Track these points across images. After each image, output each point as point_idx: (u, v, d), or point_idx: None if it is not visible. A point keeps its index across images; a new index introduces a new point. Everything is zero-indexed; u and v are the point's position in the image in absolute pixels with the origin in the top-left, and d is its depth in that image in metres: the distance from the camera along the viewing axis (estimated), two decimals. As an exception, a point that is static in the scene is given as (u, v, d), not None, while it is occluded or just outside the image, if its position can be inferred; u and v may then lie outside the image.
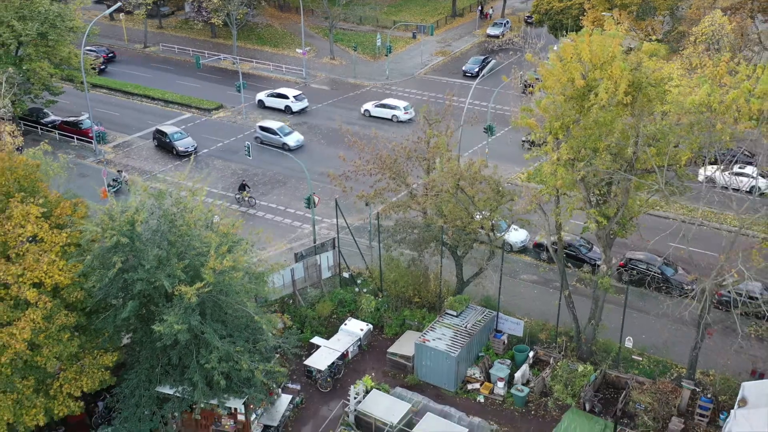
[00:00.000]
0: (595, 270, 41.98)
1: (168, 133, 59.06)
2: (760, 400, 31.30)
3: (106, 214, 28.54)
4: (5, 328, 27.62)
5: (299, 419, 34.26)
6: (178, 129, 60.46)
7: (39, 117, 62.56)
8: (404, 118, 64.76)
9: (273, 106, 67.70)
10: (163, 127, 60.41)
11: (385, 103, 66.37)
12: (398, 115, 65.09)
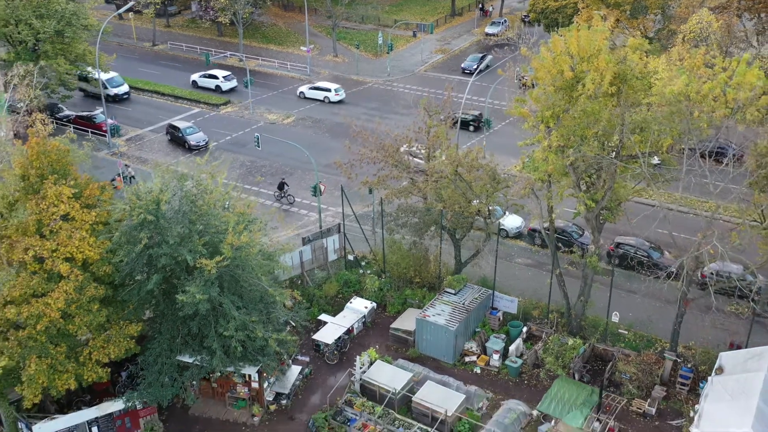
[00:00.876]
0: (585, 253, 44.46)
1: (180, 128, 61.62)
2: (735, 368, 33.85)
3: (133, 194, 31.06)
4: (41, 299, 30.15)
5: (308, 388, 36.81)
6: (190, 124, 62.99)
7: (54, 112, 65.06)
8: (335, 99, 71.34)
9: (205, 86, 74.71)
10: (175, 122, 62.96)
11: (318, 86, 72.82)
12: (330, 97, 71.57)
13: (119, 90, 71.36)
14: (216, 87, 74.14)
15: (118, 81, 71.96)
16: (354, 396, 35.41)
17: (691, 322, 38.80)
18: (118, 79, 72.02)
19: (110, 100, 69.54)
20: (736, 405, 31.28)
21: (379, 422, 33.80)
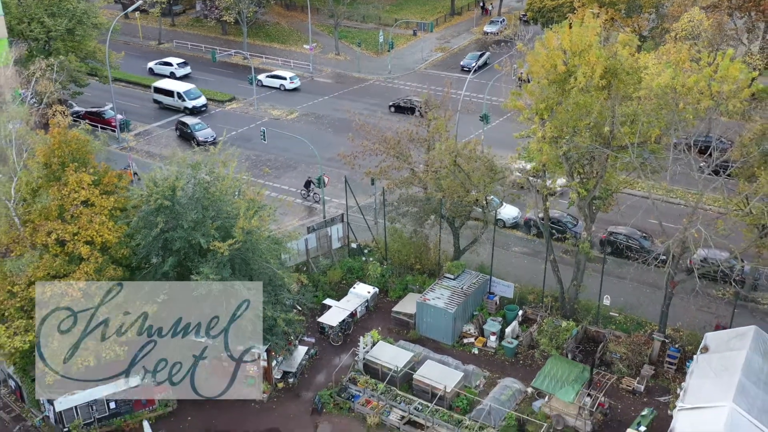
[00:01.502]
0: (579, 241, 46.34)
1: (189, 124, 63.47)
2: (719, 347, 35.70)
3: (150, 181, 32.91)
4: (63, 279, 32.04)
5: (314, 367, 38.68)
6: (198, 120, 64.78)
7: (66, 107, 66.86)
8: (290, 86, 75.81)
9: (160, 72, 79.78)
10: (185, 119, 64.78)
11: (276, 74, 77.36)
12: (285, 84, 75.96)
13: (197, 102, 69.84)
14: (170, 74, 78.46)
15: (195, 93, 70.66)
16: (358, 374, 37.26)
17: (679, 305, 40.61)
18: (195, 91, 70.76)
19: (188, 112, 68.64)
20: (719, 381, 33.10)
21: (381, 398, 35.65)
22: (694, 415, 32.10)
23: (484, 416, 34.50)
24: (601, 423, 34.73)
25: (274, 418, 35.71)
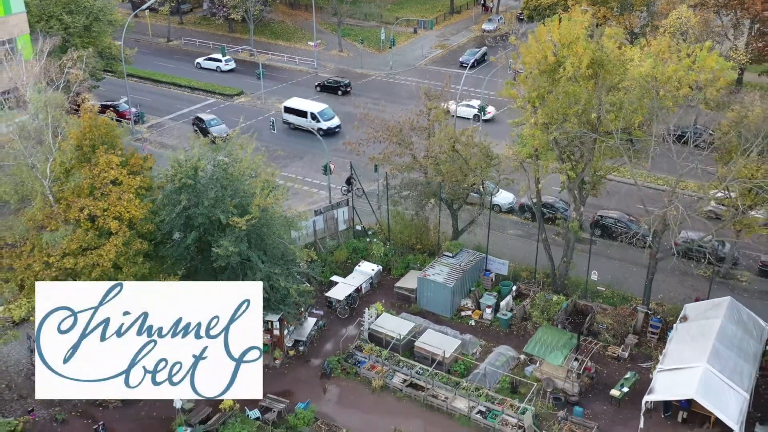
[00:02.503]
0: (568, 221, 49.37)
1: (205, 120, 66.24)
2: (697, 316, 38.80)
3: (175, 162, 35.89)
4: (94, 251, 34.98)
5: (322, 337, 41.67)
6: (214, 117, 67.49)
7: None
8: (225, 68, 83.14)
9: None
10: (201, 115, 67.53)
11: (212, 57, 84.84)
12: (221, 66, 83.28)
13: (331, 123, 66.31)
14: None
15: (329, 114, 67.18)
16: (363, 342, 40.25)
17: (662, 281, 43.70)
18: (329, 111, 67.38)
19: (322, 134, 63.54)
20: (696, 345, 36.18)
21: (385, 363, 38.63)
22: (671, 375, 35.19)
23: (479, 379, 37.50)
24: (587, 385, 37.67)
25: (287, 381, 38.69)
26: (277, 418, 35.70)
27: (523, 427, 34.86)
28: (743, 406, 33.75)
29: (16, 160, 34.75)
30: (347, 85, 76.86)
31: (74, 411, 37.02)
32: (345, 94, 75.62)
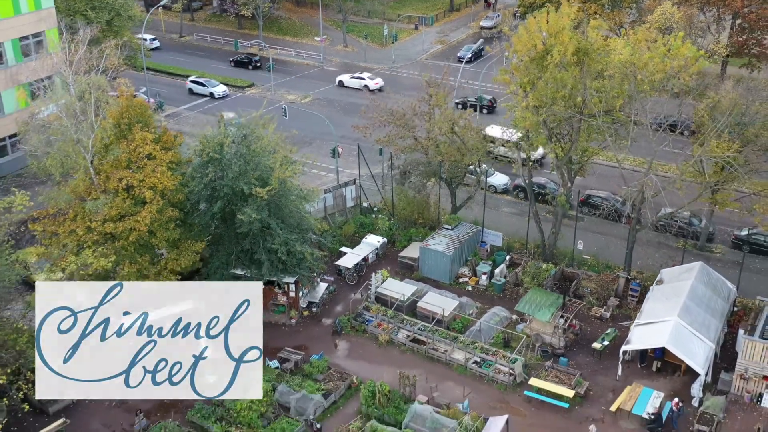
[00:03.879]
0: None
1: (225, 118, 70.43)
2: (671, 279, 43.06)
3: (204, 138, 40.14)
4: (132, 217, 39.21)
5: (333, 300, 45.91)
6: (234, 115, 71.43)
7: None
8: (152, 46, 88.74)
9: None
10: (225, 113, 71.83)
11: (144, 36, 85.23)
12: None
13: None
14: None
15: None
16: (371, 303, 44.50)
17: (642, 252, 47.89)
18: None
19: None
20: (668, 303, 40.45)
21: (391, 321, 42.87)
22: (646, 328, 39.49)
23: (475, 334, 41.75)
24: (572, 341, 41.92)
25: (302, 338, 42.94)
26: (294, 367, 39.94)
27: (513, 375, 39.10)
28: (710, 355, 38.02)
29: (63, 135, 38.93)
30: (258, 61, 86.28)
31: (112, 362, 41.16)
32: (255, 69, 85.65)
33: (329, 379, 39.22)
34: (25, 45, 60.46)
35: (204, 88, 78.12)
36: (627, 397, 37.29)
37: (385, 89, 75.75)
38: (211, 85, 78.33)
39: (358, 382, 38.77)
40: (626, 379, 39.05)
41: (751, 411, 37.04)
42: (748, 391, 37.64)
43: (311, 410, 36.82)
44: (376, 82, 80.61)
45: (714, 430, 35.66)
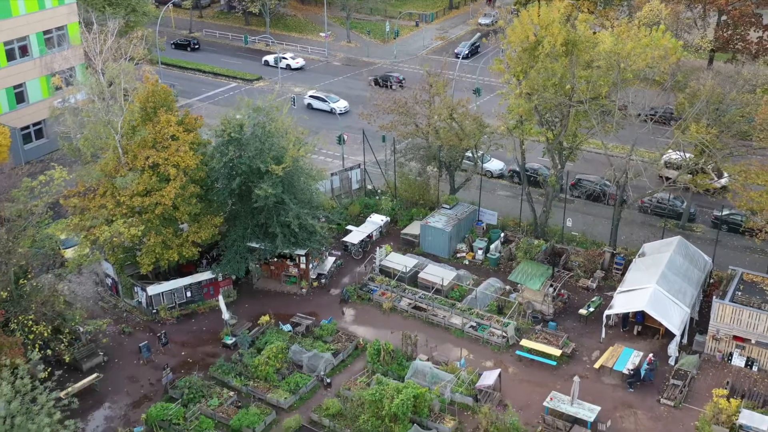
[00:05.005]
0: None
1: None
2: (652, 251, 46.70)
3: (225, 119, 43.81)
4: (157, 192, 42.85)
5: (340, 272, 49.58)
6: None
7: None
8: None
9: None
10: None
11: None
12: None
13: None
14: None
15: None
16: (375, 275, 48.18)
17: (627, 231, 51.63)
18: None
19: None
20: (648, 272, 44.10)
21: (394, 291, 46.53)
22: (627, 294, 43.13)
23: (471, 302, 45.41)
24: (561, 308, 45.57)
25: (312, 305, 46.60)
26: (305, 331, 43.59)
27: (506, 337, 42.77)
28: (685, 318, 41.68)
29: (95, 117, 42.59)
30: (197, 43, 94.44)
31: (137, 326, 44.93)
32: (194, 51, 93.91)
33: (338, 340, 42.89)
34: (48, 38, 64.15)
35: (324, 103, 75.97)
36: (609, 356, 40.95)
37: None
38: (332, 101, 75.98)
39: (364, 344, 42.39)
40: (609, 341, 42.71)
41: (721, 368, 40.70)
42: (719, 351, 41.32)
43: (322, 367, 40.48)
44: (297, 61, 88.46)
45: (687, 384, 39.35)
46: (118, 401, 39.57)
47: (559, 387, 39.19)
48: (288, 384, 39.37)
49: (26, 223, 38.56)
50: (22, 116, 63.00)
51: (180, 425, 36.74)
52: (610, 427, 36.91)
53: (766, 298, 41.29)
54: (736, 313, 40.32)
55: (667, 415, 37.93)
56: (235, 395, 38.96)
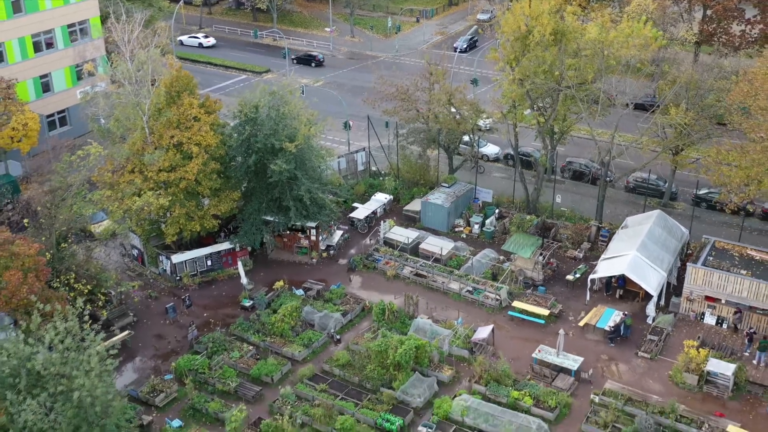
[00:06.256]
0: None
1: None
2: (634, 224, 50.85)
3: (242, 100, 48.00)
4: (181, 168, 47.03)
5: (347, 245, 53.77)
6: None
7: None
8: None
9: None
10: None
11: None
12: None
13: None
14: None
15: None
16: (380, 246, 52.36)
17: (613, 208, 55.74)
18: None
19: None
20: (629, 241, 48.25)
21: (397, 260, 50.70)
22: (610, 261, 47.28)
23: (468, 269, 49.57)
24: (549, 275, 49.72)
25: (322, 273, 50.78)
26: (316, 295, 47.77)
27: (499, 300, 46.93)
28: (662, 281, 45.83)
29: (125, 99, 46.79)
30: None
31: (162, 292, 49.12)
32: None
33: (346, 303, 47.06)
34: (72, 31, 68.35)
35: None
36: (593, 315, 45.12)
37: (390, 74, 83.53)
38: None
39: (370, 306, 46.55)
40: (593, 304, 46.87)
41: (694, 326, 44.86)
42: (693, 310, 45.48)
43: (332, 325, 44.66)
44: (208, 40, 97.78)
45: (663, 339, 43.52)
46: (148, 355, 43.78)
47: (547, 342, 43.29)
48: (302, 339, 43.54)
49: (66, 194, 42.70)
50: (47, 104, 67.16)
51: (205, 374, 40.92)
52: (591, 375, 41.09)
53: (735, 262, 45.43)
54: (708, 275, 44.47)
55: (644, 365, 42.12)
56: (253, 349, 43.12)
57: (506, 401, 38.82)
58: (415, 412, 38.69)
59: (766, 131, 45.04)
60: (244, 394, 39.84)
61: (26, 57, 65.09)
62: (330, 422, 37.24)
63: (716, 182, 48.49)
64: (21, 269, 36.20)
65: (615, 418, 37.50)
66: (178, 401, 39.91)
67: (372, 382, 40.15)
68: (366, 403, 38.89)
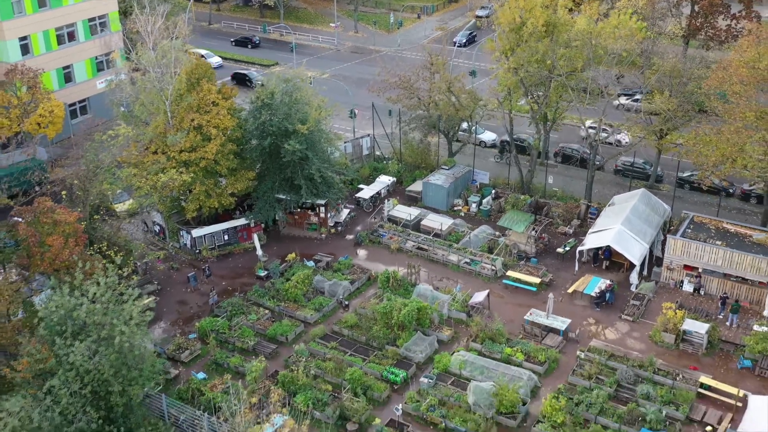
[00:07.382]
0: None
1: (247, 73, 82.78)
2: (620, 202, 54.79)
3: (259, 86, 51.94)
4: (201, 149, 51.00)
5: (353, 222, 57.74)
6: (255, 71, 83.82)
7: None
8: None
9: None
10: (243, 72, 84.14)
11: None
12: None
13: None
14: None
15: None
16: (384, 223, 56.33)
17: (601, 189, 59.65)
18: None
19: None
20: (615, 217, 52.19)
21: (400, 235, 54.65)
22: (597, 234, 51.21)
23: (466, 243, 53.52)
24: (541, 249, 53.66)
25: (331, 247, 54.76)
26: (326, 266, 51.75)
27: (495, 270, 50.88)
28: (644, 252, 49.76)
29: (150, 84, 50.77)
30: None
31: (183, 264, 53.10)
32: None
33: (353, 272, 51.02)
34: (92, 25, 72.32)
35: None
36: (581, 283, 49.07)
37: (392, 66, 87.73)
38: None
39: (376, 275, 50.50)
40: (581, 273, 50.80)
41: (674, 293, 48.81)
42: (672, 279, 49.44)
43: (340, 292, 48.60)
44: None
45: (644, 304, 47.47)
46: (172, 319, 47.73)
47: (538, 308, 47.21)
48: (313, 304, 47.50)
49: (98, 170, 46.67)
50: (69, 94, 71.12)
51: (226, 334, 44.89)
52: (578, 334, 45.05)
53: (712, 234, 49.37)
54: (686, 246, 48.43)
55: (627, 327, 46.08)
56: (269, 313, 47.09)
57: (500, 357, 42.75)
58: (417, 367, 42.65)
59: (739, 114, 48.99)
60: (261, 351, 43.79)
61: (50, 49, 69.06)
62: (340, 374, 41.17)
63: (695, 162, 52.39)
64: (62, 235, 40.13)
65: (598, 371, 41.44)
66: (201, 357, 43.90)
67: (378, 341, 44.08)
68: (373, 359, 42.84)
